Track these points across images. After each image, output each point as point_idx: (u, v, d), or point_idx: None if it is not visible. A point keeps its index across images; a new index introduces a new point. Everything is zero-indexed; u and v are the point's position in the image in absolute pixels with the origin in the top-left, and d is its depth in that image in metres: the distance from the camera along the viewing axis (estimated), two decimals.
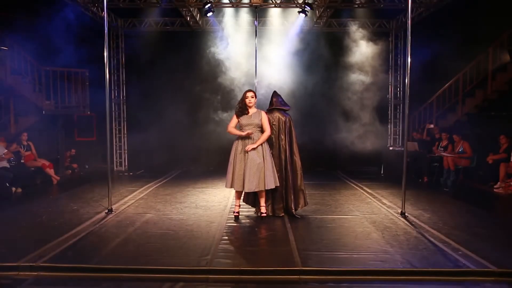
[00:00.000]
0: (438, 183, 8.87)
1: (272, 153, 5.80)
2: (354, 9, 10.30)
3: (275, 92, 6.23)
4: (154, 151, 11.44)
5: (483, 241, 4.73)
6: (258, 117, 5.66)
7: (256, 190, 5.56)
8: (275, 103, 6.04)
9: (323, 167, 11.22)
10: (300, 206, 5.98)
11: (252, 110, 5.71)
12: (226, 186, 5.78)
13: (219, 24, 10.66)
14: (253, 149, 5.52)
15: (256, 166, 5.49)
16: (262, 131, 5.66)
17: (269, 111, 6.01)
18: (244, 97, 5.73)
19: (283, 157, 5.91)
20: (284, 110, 6.06)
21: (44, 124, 10.04)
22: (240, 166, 5.58)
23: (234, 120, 5.74)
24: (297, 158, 5.98)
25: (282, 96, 6.21)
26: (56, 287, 3.73)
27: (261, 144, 5.58)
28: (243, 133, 5.57)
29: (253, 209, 6.11)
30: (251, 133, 5.55)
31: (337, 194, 7.59)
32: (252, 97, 5.70)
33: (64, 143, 10.45)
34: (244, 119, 5.66)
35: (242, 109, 5.70)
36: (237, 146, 5.66)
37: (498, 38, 9.10)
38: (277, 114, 5.97)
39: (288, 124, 5.97)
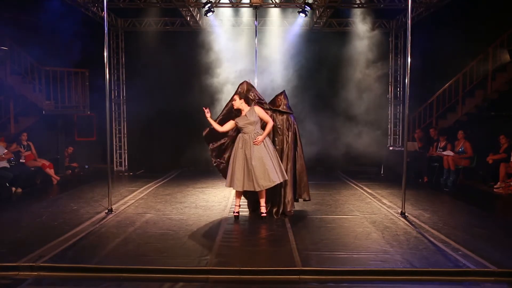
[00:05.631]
0: (438, 183, 8.86)
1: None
2: (354, 9, 10.30)
3: (285, 93, 6.07)
4: (154, 151, 11.44)
5: (483, 241, 4.74)
6: (254, 114, 5.60)
7: (257, 190, 5.52)
8: (280, 104, 5.92)
9: (323, 167, 11.20)
10: (291, 205, 5.89)
11: (245, 109, 5.65)
12: (226, 185, 5.80)
13: (219, 24, 10.65)
14: (256, 144, 5.49)
15: (258, 165, 5.43)
16: (260, 126, 5.62)
17: (272, 111, 5.91)
18: (231, 103, 5.75)
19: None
20: (288, 113, 5.95)
21: (44, 124, 10.04)
22: (239, 165, 5.52)
23: (231, 122, 5.69)
24: (299, 163, 5.94)
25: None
26: (56, 287, 3.74)
27: (263, 140, 5.53)
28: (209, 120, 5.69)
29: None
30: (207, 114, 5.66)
31: (337, 194, 7.59)
32: (235, 100, 5.67)
33: (64, 143, 10.45)
34: (240, 120, 5.62)
35: (235, 112, 5.68)
36: (238, 144, 5.61)
37: (498, 38, 9.09)
38: (283, 116, 5.88)
39: (292, 128, 5.89)
